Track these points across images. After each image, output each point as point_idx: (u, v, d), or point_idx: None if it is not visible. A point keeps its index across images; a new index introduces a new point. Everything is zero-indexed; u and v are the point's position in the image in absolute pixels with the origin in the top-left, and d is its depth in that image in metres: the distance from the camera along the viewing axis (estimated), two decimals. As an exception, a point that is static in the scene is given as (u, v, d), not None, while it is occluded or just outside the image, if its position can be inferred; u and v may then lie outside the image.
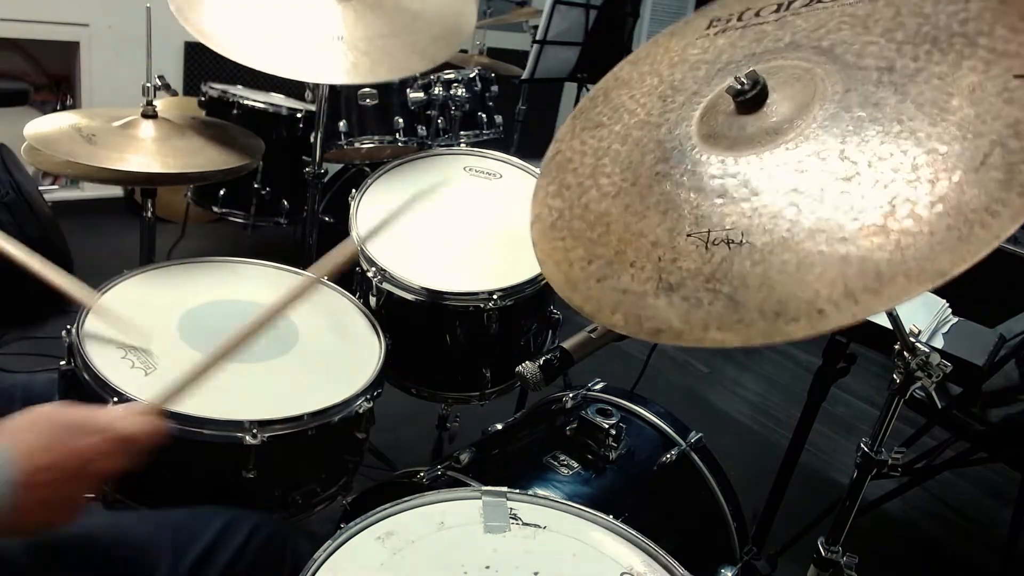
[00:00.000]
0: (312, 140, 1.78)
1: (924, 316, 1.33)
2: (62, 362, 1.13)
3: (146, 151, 1.51)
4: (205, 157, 1.58)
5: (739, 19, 0.89)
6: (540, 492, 0.97)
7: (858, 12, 0.77)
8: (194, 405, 1.04)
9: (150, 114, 1.58)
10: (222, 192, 2.33)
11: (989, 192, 0.57)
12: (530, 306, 1.46)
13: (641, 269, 0.72)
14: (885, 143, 0.64)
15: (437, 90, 1.91)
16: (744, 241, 0.66)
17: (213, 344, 1.19)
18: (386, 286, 1.39)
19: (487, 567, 0.81)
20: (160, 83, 1.65)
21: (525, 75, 3.02)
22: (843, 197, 0.63)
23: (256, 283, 1.40)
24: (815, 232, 0.63)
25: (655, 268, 0.70)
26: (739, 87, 0.74)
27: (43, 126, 1.52)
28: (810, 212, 0.64)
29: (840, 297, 0.58)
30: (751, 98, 0.74)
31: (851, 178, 0.64)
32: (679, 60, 0.91)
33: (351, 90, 1.86)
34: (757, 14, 0.87)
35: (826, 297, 0.59)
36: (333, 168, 2.44)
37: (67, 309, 1.16)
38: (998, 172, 0.57)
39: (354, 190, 1.57)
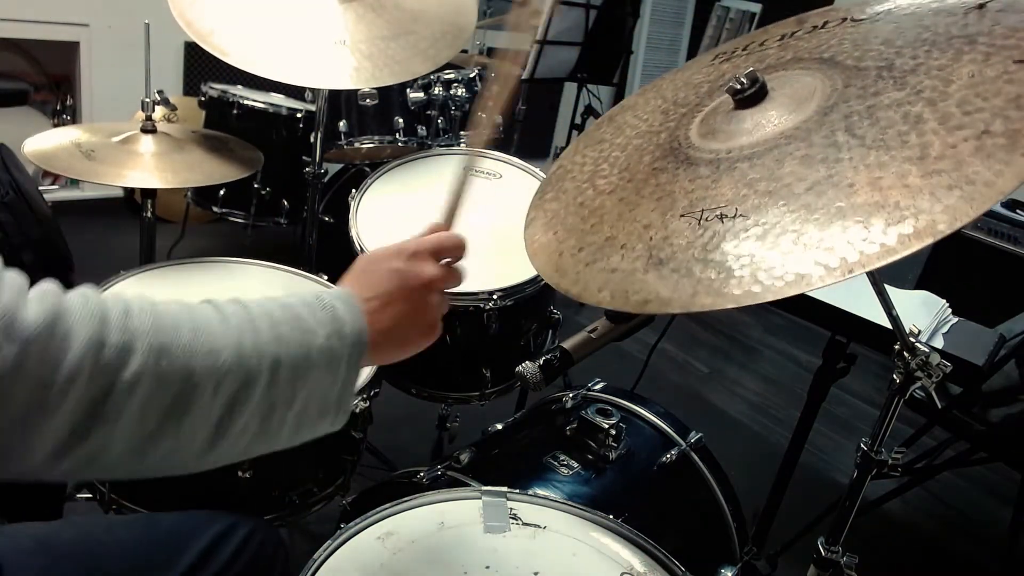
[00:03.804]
0: (312, 140, 1.78)
1: (924, 316, 1.33)
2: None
3: (145, 166, 1.53)
4: (203, 172, 1.59)
5: (744, 49, 0.91)
6: (540, 492, 0.97)
7: (859, 30, 0.78)
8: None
9: (149, 129, 1.59)
10: (222, 192, 2.33)
11: (992, 155, 0.57)
12: (530, 306, 1.46)
13: (632, 250, 0.72)
14: (884, 122, 0.65)
15: (437, 90, 1.91)
16: (738, 214, 0.66)
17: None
18: (386, 286, 1.39)
19: (487, 567, 0.81)
20: (159, 98, 1.66)
21: (525, 75, 3.02)
22: (840, 167, 0.64)
23: (256, 283, 1.40)
24: (812, 199, 0.63)
25: (646, 247, 0.71)
26: (738, 86, 0.75)
27: (43, 142, 1.53)
28: (807, 182, 0.65)
29: (835, 256, 0.59)
30: (749, 96, 0.75)
31: (848, 151, 0.64)
32: (683, 85, 0.93)
33: (351, 90, 1.87)
34: (761, 44, 0.89)
35: (821, 257, 0.59)
36: (333, 168, 2.44)
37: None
38: (1001, 138, 0.58)
39: (354, 190, 1.57)
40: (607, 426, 1.20)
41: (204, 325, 0.57)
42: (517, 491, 0.93)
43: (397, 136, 1.90)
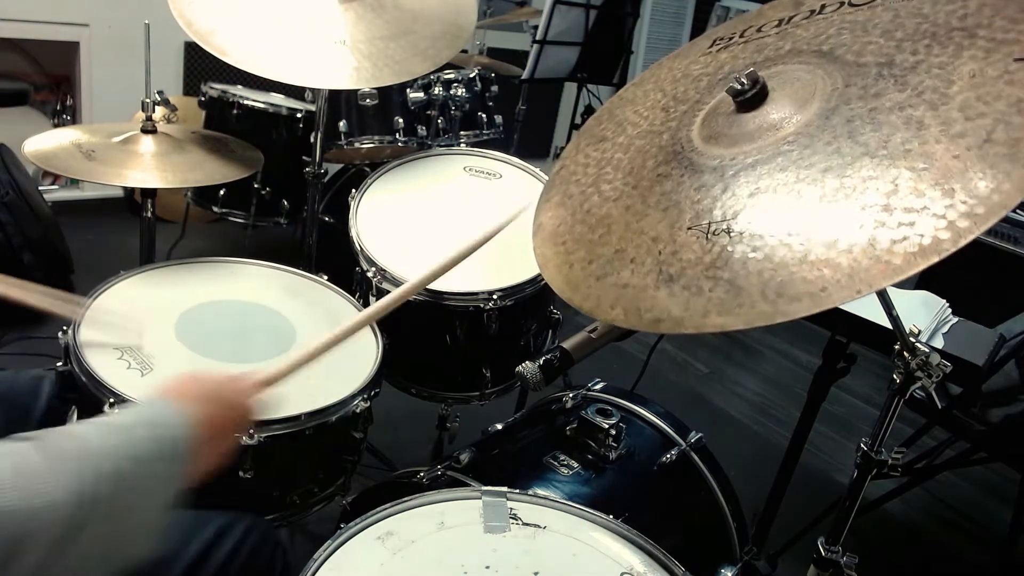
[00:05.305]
0: (312, 140, 1.78)
1: (924, 316, 1.33)
2: (59, 363, 1.13)
3: (145, 166, 1.52)
4: (203, 172, 1.59)
5: (741, 36, 0.90)
6: (540, 492, 0.97)
7: (858, 18, 0.78)
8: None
9: (150, 129, 1.59)
10: (222, 192, 2.33)
11: (994, 166, 0.57)
12: (530, 306, 1.46)
13: (641, 264, 0.72)
14: (886, 128, 0.64)
15: (437, 90, 1.91)
16: (745, 230, 0.66)
17: (210, 345, 1.20)
18: (386, 286, 1.39)
19: (487, 567, 0.81)
20: (159, 98, 1.65)
21: (525, 75, 3.02)
22: (845, 181, 0.63)
23: (256, 283, 1.40)
24: (816, 212, 0.63)
25: (655, 262, 0.71)
26: (739, 87, 0.75)
27: (43, 142, 1.52)
28: (812, 196, 0.65)
29: (843, 274, 0.58)
30: (751, 97, 0.75)
31: (852, 163, 0.64)
32: (682, 76, 0.92)
33: (351, 90, 1.86)
34: (759, 30, 0.88)
35: (829, 276, 0.59)
36: (333, 168, 2.44)
37: (66, 309, 1.16)
38: (1002, 147, 0.57)
39: (354, 190, 1.57)
40: (607, 426, 1.20)
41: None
42: (517, 491, 0.93)
43: (397, 136, 1.90)
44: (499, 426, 1.31)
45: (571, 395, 1.33)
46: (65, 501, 0.56)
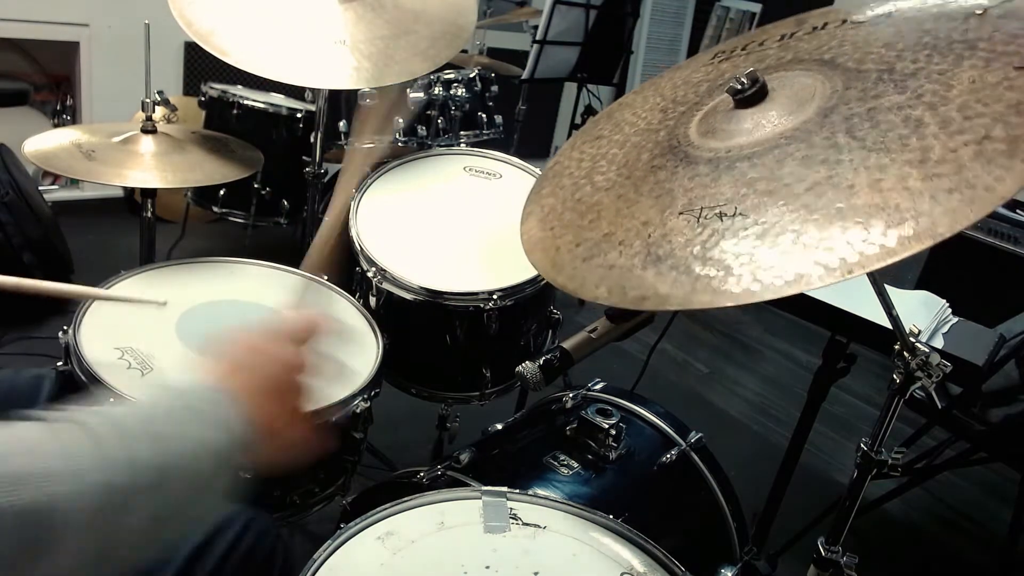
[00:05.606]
0: (312, 140, 1.78)
1: (924, 316, 1.33)
2: (59, 362, 1.13)
3: (145, 166, 1.52)
4: (203, 172, 1.59)
5: (743, 49, 0.91)
6: (540, 492, 0.97)
7: (860, 32, 0.79)
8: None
9: (150, 129, 1.59)
10: (222, 192, 2.33)
11: (992, 160, 0.57)
12: (530, 306, 1.46)
13: (629, 246, 0.72)
14: (884, 126, 0.65)
15: (437, 90, 1.91)
16: (737, 213, 0.66)
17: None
18: (386, 286, 1.39)
19: (487, 567, 0.81)
20: (159, 98, 1.65)
21: (525, 75, 3.02)
22: (840, 169, 0.64)
23: (256, 283, 1.40)
24: (811, 199, 0.63)
25: (644, 244, 0.71)
26: (739, 87, 0.75)
27: (43, 142, 1.52)
28: (807, 183, 0.65)
29: (835, 256, 0.58)
30: (750, 96, 0.75)
31: (849, 154, 0.64)
32: (683, 83, 0.92)
33: (351, 90, 1.86)
34: (761, 44, 0.89)
35: (821, 257, 0.59)
36: (333, 168, 2.44)
37: (65, 309, 1.16)
38: (1001, 144, 0.58)
39: (354, 190, 1.57)
40: (607, 426, 1.20)
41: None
42: (517, 491, 0.93)
43: (397, 136, 1.90)
44: (499, 426, 1.31)
45: (571, 395, 1.33)
46: (114, 478, 0.54)
